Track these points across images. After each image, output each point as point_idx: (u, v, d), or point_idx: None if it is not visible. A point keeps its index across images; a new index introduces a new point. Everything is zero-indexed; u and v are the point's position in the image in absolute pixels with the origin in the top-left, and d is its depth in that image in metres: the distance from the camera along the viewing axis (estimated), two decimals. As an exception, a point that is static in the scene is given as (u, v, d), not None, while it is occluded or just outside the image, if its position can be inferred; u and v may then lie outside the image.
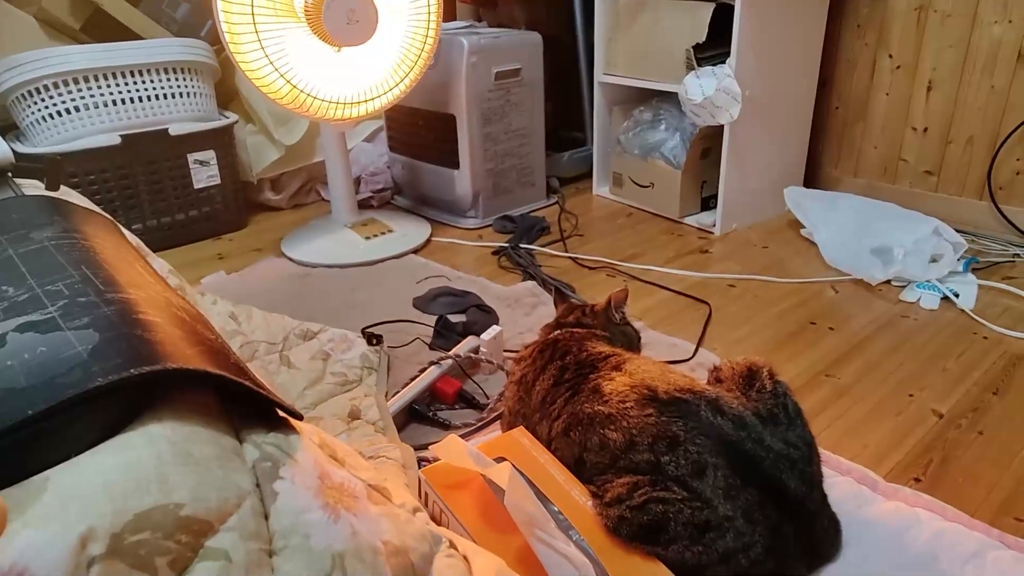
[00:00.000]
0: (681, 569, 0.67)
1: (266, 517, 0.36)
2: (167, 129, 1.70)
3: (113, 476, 0.31)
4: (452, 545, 0.44)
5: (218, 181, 1.80)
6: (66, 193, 0.88)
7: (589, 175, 2.14)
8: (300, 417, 0.45)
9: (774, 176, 1.87)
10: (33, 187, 0.86)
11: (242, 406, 0.43)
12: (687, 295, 1.47)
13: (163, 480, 0.32)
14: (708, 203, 1.88)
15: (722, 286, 1.52)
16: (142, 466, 0.32)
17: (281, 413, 0.45)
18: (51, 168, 0.89)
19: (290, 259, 1.67)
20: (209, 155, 1.78)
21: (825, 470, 0.86)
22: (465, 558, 0.45)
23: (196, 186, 1.78)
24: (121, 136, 1.63)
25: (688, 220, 1.86)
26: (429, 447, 0.79)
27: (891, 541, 0.77)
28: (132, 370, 0.36)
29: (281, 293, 1.51)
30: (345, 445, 0.50)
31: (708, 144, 1.79)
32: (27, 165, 0.91)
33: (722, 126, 1.68)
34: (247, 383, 0.42)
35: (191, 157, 1.76)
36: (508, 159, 1.90)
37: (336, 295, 1.50)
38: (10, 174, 0.86)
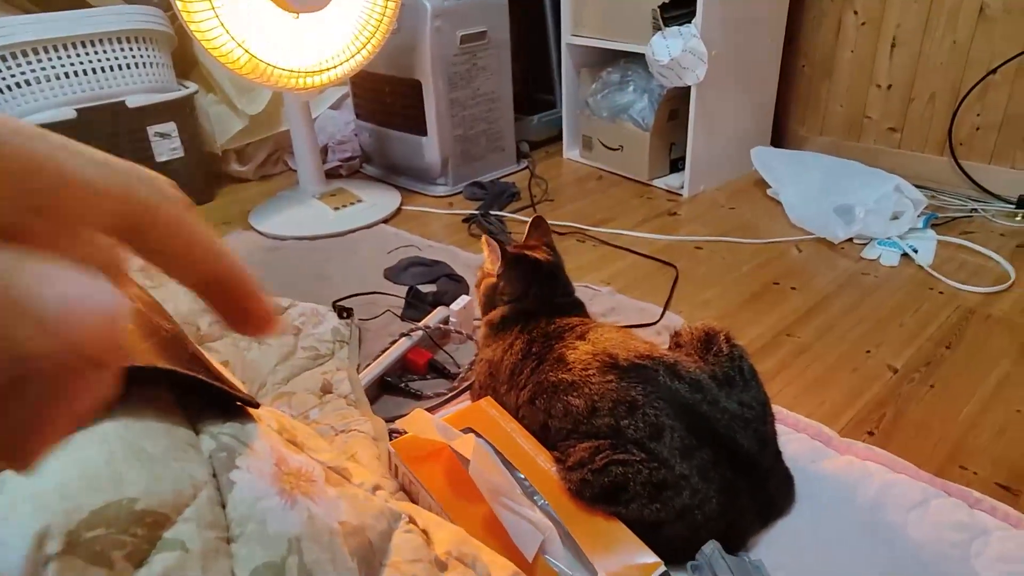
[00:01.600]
0: (640, 526, 0.70)
1: (223, 506, 0.37)
2: (124, 101, 1.65)
3: (66, 476, 0.32)
4: (411, 520, 0.46)
5: (181, 154, 1.77)
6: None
7: (559, 138, 2.14)
8: (257, 405, 0.46)
9: (741, 136, 1.88)
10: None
11: (199, 397, 0.44)
12: (655, 259, 1.49)
13: (116, 477, 0.33)
14: (677, 165, 1.89)
15: (689, 249, 1.54)
16: (95, 464, 0.33)
17: (239, 402, 0.46)
18: None
19: (259, 232, 1.66)
20: (170, 127, 1.74)
21: (781, 428, 0.90)
22: (425, 532, 0.47)
23: (158, 159, 1.74)
24: (76, 110, 1.58)
25: (657, 182, 1.87)
26: (396, 421, 0.80)
27: (842, 494, 0.81)
28: (82, 369, 0.36)
29: (252, 267, 1.49)
30: (306, 428, 0.51)
31: (676, 105, 1.79)
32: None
33: (689, 87, 1.68)
34: (200, 375, 0.43)
35: (151, 130, 1.72)
36: (477, 124, 1.89)
37: (306, 268, 1.49)
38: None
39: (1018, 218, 1.60)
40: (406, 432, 0.79)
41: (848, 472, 0.84)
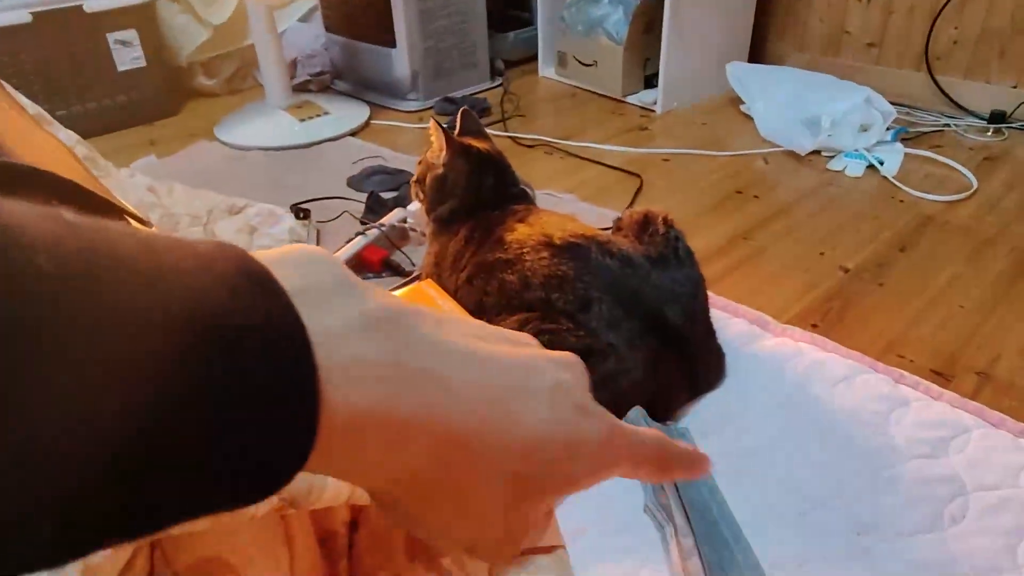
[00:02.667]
0: (566, 392, 0.72)
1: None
2: (81, 5, 1.61)
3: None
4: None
5: (143, 64, 1.73)
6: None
7: (536, 58, 2.09)
8: (150, 227, 0.46)
9: (718, 52, 1.84)
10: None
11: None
12: (620, 169, 1.48)
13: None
14: (651, 81, 1.86)
15: (657, 161, 1.53)
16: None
17: (133, 223, 0.46)
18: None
19: (223, 143, 1.64)
20: (131, 35, 1.70)
21: (721, 313, 0.92)
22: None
23: (120, 68, 1.70)
24: (32, 14, 1.54)
25: (631, 99, 1.84)
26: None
27: (772, 371, 0.83)
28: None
29: (214, 176, 1.48)
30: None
31: (651, 17, 1.74)
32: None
33: (663, -3, 1.64)
34: (91, 189, 0.43)
35: (111, 37, 1.68)
36: (448, 37, 1.84)
37: (269, 177, 1.48)
38: None
39: (989, 133, 1.58)
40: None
41: (781, 351, 0.85)
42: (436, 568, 0.46)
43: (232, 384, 0.16)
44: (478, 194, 0.94)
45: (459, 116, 0.99)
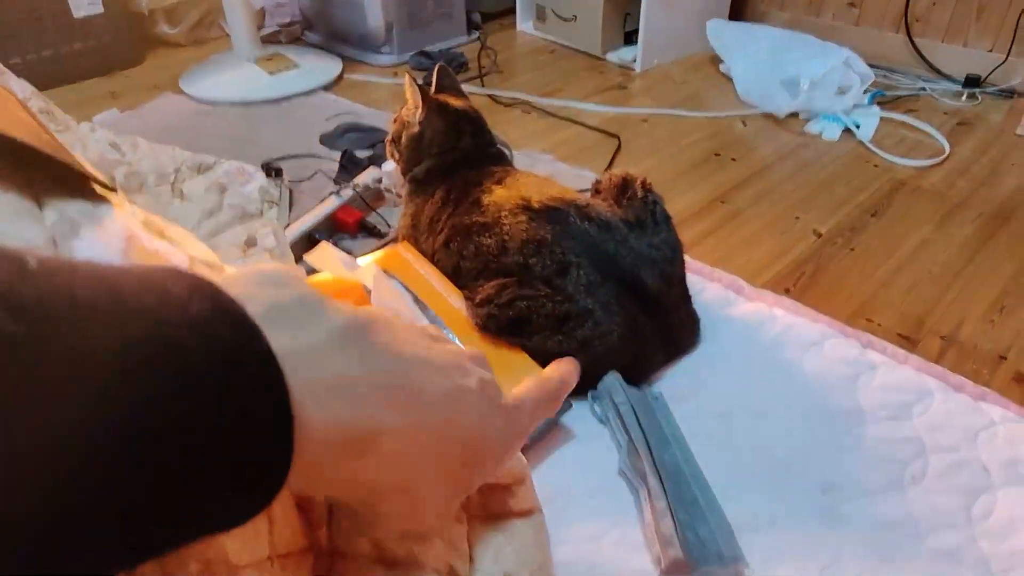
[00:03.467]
0: (543, 357, 0.72)
1: (64, 270, 0.36)
2: (31, -53, 1.51)
3: None
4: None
5: (100, 10, 1.64)
6: None
7: (513, 12, 2.03)
8: (115, 191, 0.44)
9: (699, 9, 1.81)
10: None
11: (48, 181, 0.42)
12: (599, 129, 1.47)
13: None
14: (631, 38, 1.82)
15: (636, 121, 1.52)
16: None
17: (98, 189, 0.44)
18: None
19: (189, 96, 1.58)
20: (87, -21, 1.61)
21: (696, 277, 0.92)
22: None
23: (76, 15, 1.62)
24: (-23, -47, 1.45)
25: (610, 56, 1.81)
26: (304, 256, 0.80)
27: (745, 335, 0.84)
28: None
29: (180, 131, 1.43)
30: (183, 229, 0.50)
31: (631, -29, 1.70)
32: None
33: (646, -50, 1.60)
34: (48, 150, 0.41)
35: (66, -19, 1.59)
36: (423, -12, 1.78)
37: (237, 132, 1.44)
38: None
39: (963, 97, 1.59)
40: (315, 270, 0.79)
41: (754, 316, 0.87)
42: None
43: (206, 420, 0.16)
44: (455, 153, 0.93)
45: (435, 72, 0.96)
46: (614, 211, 0.79)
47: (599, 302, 0.72)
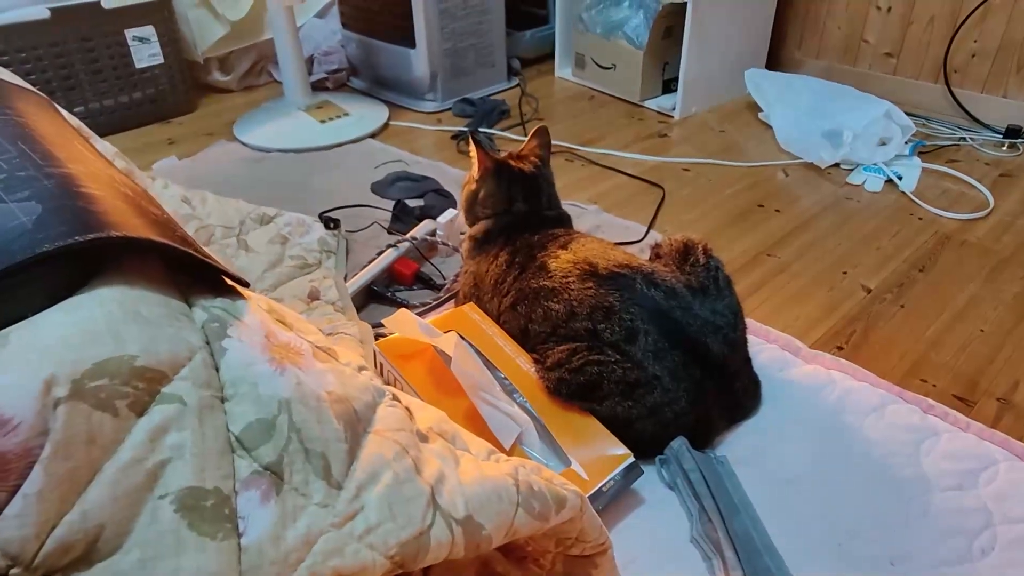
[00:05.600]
0: (612, 422, 0.74)
1: (216, 370, 0.40)
2: (99, 1, 1.59)
3: (69, 331, 0.34)
4: (395, 397, 0.49)
5: (161, 60, 1.72)
6: (-4, 70, 0.85)
7: (551, 56, 2.09)
8: (246, 284, 0.48)
9: (736, 58, 1.85)
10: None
11: (190, 276, 0.45)
12: (642, 179, 1.50)
13: (116, 335, 0.35)
14: (669, 86, 1.86)
15: (677, 170, 1.55)
16: (95, 322, 0.35)
17: (228, 281, 0.48)
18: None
19: (243, 143, 1.64)
20: (148, 31, 1.69)
21: (754, 338, 0.94)
22: (408, 408, 0.50)
23: (138, 65, 1.69)
24: (50, 9, 1.52)
25: (649, 103, 1.85)
26: (382, 321, 0.83)
27: (805, 399, 0.85)
28: (77, 237, 0.38)
29: (236, 178, 1.49)
30: (294, 313, 0.53)
31: (671, 23, 1.75)
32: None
33: (685, 3, 1.64)
34: (192, 251, 0.44)
35: (129, 33, 1.66)
36: (467, 38, 1.84)
37: (292, 180, 1.49)
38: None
39: (1004, 148, 1.60)
40: (391, 333, 0.82)
41: (813, 379, 0.88)
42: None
43: None
44: (509, 216, 0.96)
45: (532, 132, 1.01)
46: (678, 276, 0.81)
47: (667, 369, 0.74)
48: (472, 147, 0.98)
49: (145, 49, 1.69)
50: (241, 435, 0.37)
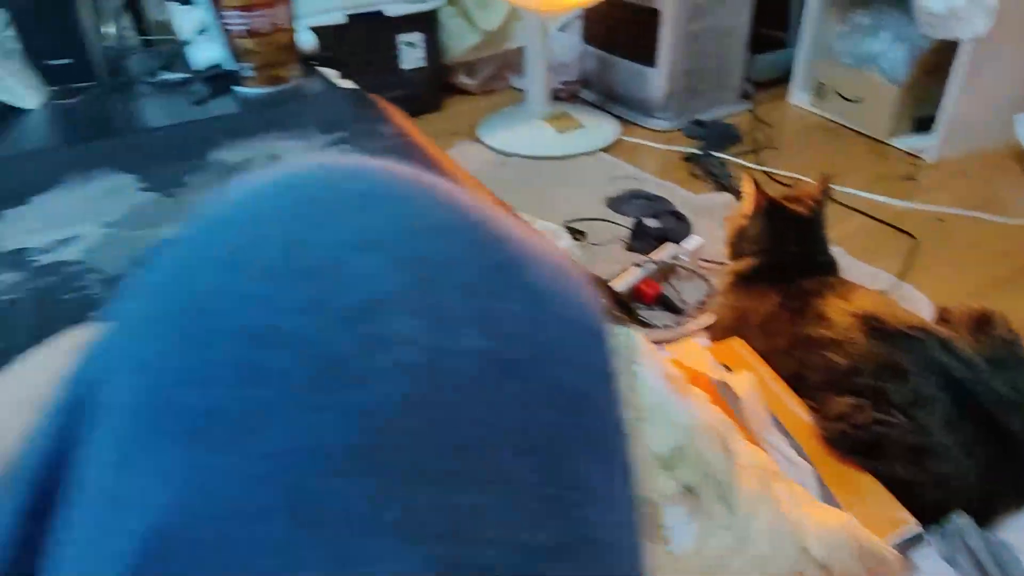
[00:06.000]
0: (893, 483, 0.73)
1: (631, 391, 0.46)
2: (382, 10, 1.79)
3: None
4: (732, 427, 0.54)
5: (424, 63, 1.90)
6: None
7: (784, 80, 2.03)
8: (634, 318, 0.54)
9: (1007, 100, 1.69)
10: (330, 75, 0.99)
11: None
12: (891, 225, 1.43)
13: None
14: (921, 125, 1.75)
15: (928, 219, 1.45)
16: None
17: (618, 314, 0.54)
18: (335, 56, 1.01)
19: (486, 145, 1.77)
20: (416, 37, 1.87)
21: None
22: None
23: (403, 67, 1.88)
24: (347, 16, 1.74)
25: (896, 142, 1.75)
26: (664, 344, 0.88)
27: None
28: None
29: (483, 179, 1.61)
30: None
31: (938, 59, 1.64)
32: (321, 54, 1.04)
33: (957, 40, 1.53)
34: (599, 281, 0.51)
35: (400, 38, 1.86)
36: (706, 59, 1.85)
37: (532, 186, 1.59)
38: (312, 62, 0.99)
39: None
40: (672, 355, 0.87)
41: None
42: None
43: None
44: (779, 256, 0.96)
45: (820, 179, 1.02)
46: (973, 346, 0.78)
47: (958, 441, 0.72)
48: (746, 183, 1.00)
49: (412, 53, 1.88)
50: (659, 454, 0.43)
